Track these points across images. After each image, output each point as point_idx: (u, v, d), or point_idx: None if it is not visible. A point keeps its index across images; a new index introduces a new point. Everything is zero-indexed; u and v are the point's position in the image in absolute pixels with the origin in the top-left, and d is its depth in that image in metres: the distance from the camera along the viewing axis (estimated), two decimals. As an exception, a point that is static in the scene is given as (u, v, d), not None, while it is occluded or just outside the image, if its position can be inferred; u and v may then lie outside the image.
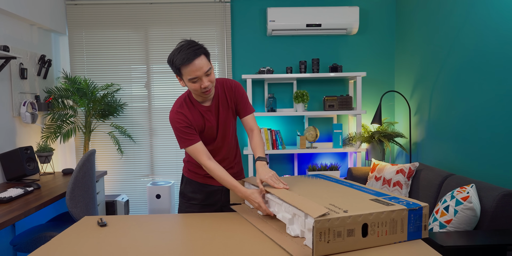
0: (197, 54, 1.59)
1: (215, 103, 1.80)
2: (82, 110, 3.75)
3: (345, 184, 1.61)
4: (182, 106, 1.77)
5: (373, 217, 1.19)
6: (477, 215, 1.99)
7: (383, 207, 1.23)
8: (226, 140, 1.87)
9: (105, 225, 1.56)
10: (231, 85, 1.83)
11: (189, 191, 1.95)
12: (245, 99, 1.87)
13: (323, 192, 1.46)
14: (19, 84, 3.14)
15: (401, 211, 1.22)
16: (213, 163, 1.72)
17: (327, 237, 1.12)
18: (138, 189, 3.97)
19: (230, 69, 3.88)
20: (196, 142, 1.73)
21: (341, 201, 1.31)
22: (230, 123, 1.86)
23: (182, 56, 1.58)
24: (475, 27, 2.57)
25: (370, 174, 3.13)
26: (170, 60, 1.63)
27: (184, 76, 1.64)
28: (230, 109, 1.83)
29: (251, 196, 1.61)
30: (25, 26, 3.28)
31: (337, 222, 1.13)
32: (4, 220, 1.87)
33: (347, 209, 1.20)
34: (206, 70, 1.62)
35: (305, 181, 1.72)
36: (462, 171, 2.73)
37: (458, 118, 2.78)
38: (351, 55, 3.94)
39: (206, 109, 1.78)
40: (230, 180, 1.69)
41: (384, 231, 1.21)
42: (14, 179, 2.83)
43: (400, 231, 1.23)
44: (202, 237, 1.38)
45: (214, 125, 1.81)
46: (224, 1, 3.83)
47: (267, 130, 3.60)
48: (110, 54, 3.88)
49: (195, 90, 1.67)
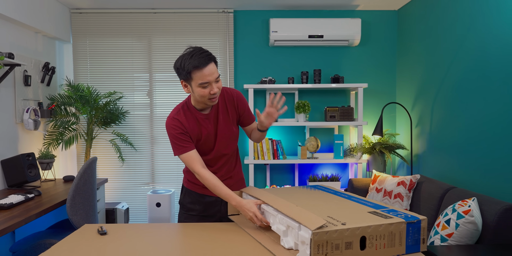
0: (211, 59, 1.63)
1: (214, 111, 1.80)
2: (84, 118, 3.77)
3: (343, 196, 1.61)
4: (179, 113, 1.77)
5: (371, 230, 1.18)
6: (479, 229, 1.98)
7: (382, 220, 1.23)
8: (225, 149, 1.85)
9: (105, 233, 1.56)
10: (233, 95, 1.83)
11: (188, 201, 1.94)
12: (248, 108, 1.89)
13: (321, 204, 1.46)
14: (22, 91, 3.16)
15: (399, 224, 1.22)
16: (207, 172, 1.71)
17: (325, 249, 1.12)
18: (138, 197, 3.96)
19: (232, 79, 3.91)
20: (190, 149, 1.72)
21: (339, 213, 1.31)
22: (230, 132, 1.85)
23: (195, 60, 1.60)
24: (477, 39, 2.59)
25: (371, 185, 3.13)
26: (181, 64, 1.63)
27: (194, 81, 1.64)
28: (230, 118, 1.83)
29: (246, 206, 1.59)
30: (30, 33, 3.33)
31: (335, 235, 1.13)
32: (4, 227, 1.87)
33: (345, 222, 1.20)
34: (217, 76, 1.65)
35: (303, 192, 1.72)
36: (463, 184, 2.72)
37: (460, 130, 2.78)
38: (352, 66, 3.96)
39: (204, 117, 1.78)
40: (224, 189, 1.67)
41: (382, 244, 1.21)
42: (15, 186, 2.84)
43: (398, 244, 1.23)
44: (201, 247, 1.38)
45: (211, 133, 1.80)
46: (227, 12, 3.87)
47: (268, 140, 3.61)
48: (113, 62, 3.92)
49: (203, 96, 1.66)
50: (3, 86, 2.93)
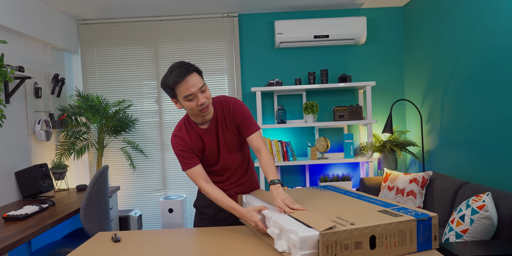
0: (189, 71, 1.59)
1: (214, 125, 1.77)
2: (95, 127, 3.82)
3: (353, 196, 1.60)
4: (181, 130, 1.77)
5: (381, 228, 1.17)
6: (494, 224, 1.94)
7: (391, 218, 1.21)
8: (231, 159, 1.84)
9: (119, 240, 1.57)
10: (229, 106, 1.78)
11: (201, 205, 1.97)
12: (246, 118, 1.79)
13: (331, 205, 1.45)
14: (33, 103, 3.22)
15: (409, 222, 1.21)
16: (210, 186, 1.72)
17: (334, 250, 1.11)
18: (151, 204, 3.99)
19: (239, 82, 3.92)
20: (194, 165, 1.73)
21: (349, 213, 1.30)
22: (233, 143, 1.82)
23: (174, 75, 1.58)
24: (485, 33, 2.55)
25: (383, 184, 3.10)
26: (163, 82, 1.62)
27: (179, 96, 1.61)
28: (230, 130, 1.79)
29: (247, 215, 1.57)
30: (39, 46, 3.39)
31: (344, 235, 1.12)
32: (20, 237, 1.90)
33: (354, 222, 1.19)
34: (200, 86, 1.60)
35: (313, 193, 1.71)
36: (477, 179, 2.68)
37: (471, 125, 2.74)
38: (359, 65, 3.94)
39: (205, 131, 1.76)
40: (227, 202, 1.67)
41: (392, 242, 1.19)
42: (29, 196, 2.88)
43: (409, 242, 1.22)
44: (215, 251, 1.38)
45: (214, 147, 1.79)
46: (232, 16, 3.89)
47: (277, 141, 3.60)
48: (121, 71, 3.96)
49: (192, 109, 1.63)
50: (15, 99, 2.98)
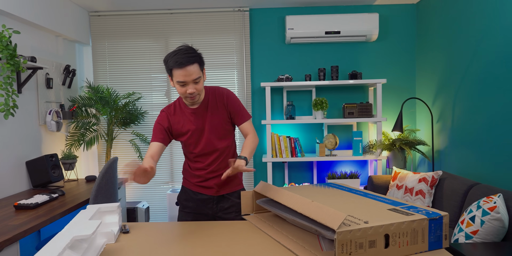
0: (190, 61, 1.67)
1: (203, 106, 1.84)
2: (104, 118, 3.83)
3: (358, 193, 1.59)
4: (170, 108, 1.89)
5: (394, 227, 1.17)
6: (505, 226, 1.93)
7: (404, 217, 1.20)
8: (215, 145, 1.86)
9: (127, 232, 1.58)
10: (223, 93, 1.87)
11: (183, 199, 2.01)
12: (239, 107, 1.88)
13: (339, 202, 1.44)
14: (45, 94, 3.24)
15: (421, 220, 1.20)
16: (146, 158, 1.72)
17: (349, 249, 1.11)
18: (158, 196, 4.01)
19: (249, 77, 3.91)
20: (154, 140, 1.82)
21: (359, 211, 1.29)
22: (220, 129, 1.86)
23: (175, 59, 1.66)
24: (500, 32, 2.52)
25: (392, 182, 3.08)
26: (166, 60, 1.71)
27: (174, 78, 1.72)
28: (220, 115, 1.85)
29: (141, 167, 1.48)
30: (51, 37, 3.40)
31: (359, 234, 1.12)
32: (30, 226, 1.92)
33: (367, 220, 1.18)
34: (195, 78, 1.69)
35: (319, 191, 1.69)
36: (488, 180, 2.65)
37: (483, 125, 2.71)
38: (370, 62, 3.91)
39: (191, 111, 1.84)
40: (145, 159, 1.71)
41: (405, 241, 1.19)
42: (39, 186, 2.91)
43: (421, 241, 1.21)
44: (222, 245, 1.39)
45: (200, 128, 1.85)
46: (243, 10, 3.87)
47: (286, 137, 3.59)
48: (132, 63, 3.97)
49: (181, 93, 1.74)
50: (27, 89, 3.00)
